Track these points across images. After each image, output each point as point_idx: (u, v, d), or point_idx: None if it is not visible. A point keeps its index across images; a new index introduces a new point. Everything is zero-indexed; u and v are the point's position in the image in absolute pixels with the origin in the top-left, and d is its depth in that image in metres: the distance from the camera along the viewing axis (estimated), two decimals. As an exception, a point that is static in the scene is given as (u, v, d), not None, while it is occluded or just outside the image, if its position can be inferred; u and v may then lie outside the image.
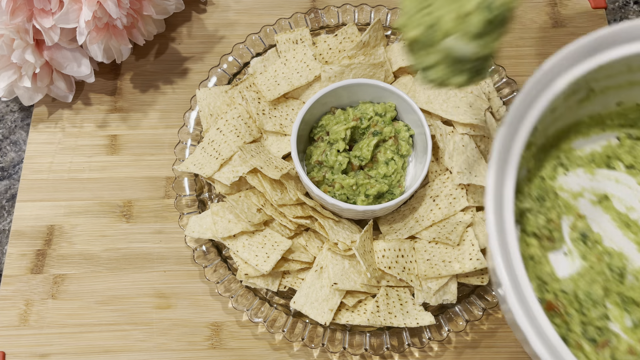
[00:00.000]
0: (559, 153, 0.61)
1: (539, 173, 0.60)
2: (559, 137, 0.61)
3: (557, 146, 0.61)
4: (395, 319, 0.66)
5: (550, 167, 0.61)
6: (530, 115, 0.51)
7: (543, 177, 0.60)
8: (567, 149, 0.61)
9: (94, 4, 0.70)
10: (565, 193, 0.60)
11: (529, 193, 0.58)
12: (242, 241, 0.68)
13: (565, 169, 0.61)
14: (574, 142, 0.62)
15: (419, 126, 0.70)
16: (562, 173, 0.61)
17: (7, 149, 0.81)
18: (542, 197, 0.58)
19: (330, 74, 0.74)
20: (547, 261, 0.57)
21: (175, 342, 0.70)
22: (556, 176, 0.61)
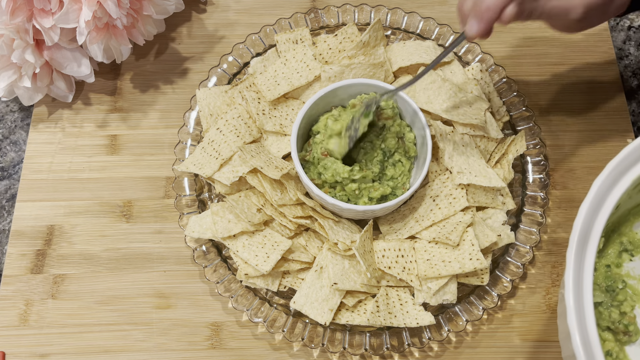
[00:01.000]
0: (621, 238, 0.61)
1: (604, 261, 0.59)
2: (619, 222, 0.61)
3: (619, 231, 0.61)
4: (395, 319, 0.66)
5: (614, 253, 0.60)
6: (599, 219, 0.53)
7: (609, 265, 0.59)
8: (628, 233, 0.61)
9: (94, 4, 0.70)
10: (634, 280, 0.60)
11: (597, 284, 0.58)
12: (242, 241, 0.68)
13: (631, 255, 0.61)
14: (634, 224, 0.62)
15: (420, 127, 0.70)
16: (627, 259, 0.61)
17: (7, 149, 0.81)
18: (612, 288, 0.58)
19: (330, 74, 0.74)
20: (625, 355, 0.56)
21: (175, 342, 0.70)
22: (622, 263, 0.60)
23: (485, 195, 0.71)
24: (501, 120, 0.77)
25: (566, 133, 0.80)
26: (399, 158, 0.70)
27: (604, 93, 0.83)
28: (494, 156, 0.74)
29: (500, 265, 0.70)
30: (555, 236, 0.75)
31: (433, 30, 0.82)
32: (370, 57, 0.76)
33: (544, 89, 0.83)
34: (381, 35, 0.77)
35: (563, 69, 0.84)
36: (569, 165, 0.79)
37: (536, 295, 0.72)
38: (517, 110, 0.78)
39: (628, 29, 0.88)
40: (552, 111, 0.82)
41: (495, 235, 0.69)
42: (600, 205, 0.52)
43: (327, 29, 0.83)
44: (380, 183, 0.69)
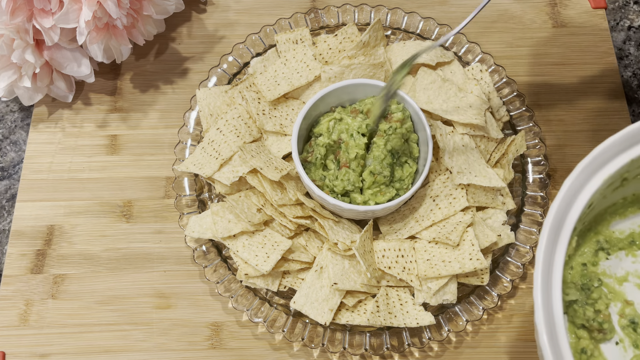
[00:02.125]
0: (597, 237, 0.61)
1: (580, 260, 0.60)
2: (596, 221, 0.61)
3: (595, 229, 0.61)
4: (395, 319, 0.66)
5: (590, 252, 0.60)
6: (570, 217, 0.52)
7: (585, 263, 0.59)
8: (605, 232, 0.61)
9: (94, 4, 0.70)
10: (610, 278, 0.60)
11: (572, 282, 0.58)
12: (242, 241, 0.68)
13: (607, 254, 0.61)
14: (611, 223, 0.62)
15: (421, 128, 0.70)
16: (604, 258, 0.60)
17: (7, 149, 0.81)
18: (587, 287, 0.58)
19: (330, 74, 0.74)
20: (600, 353, 0.56)
21: (175, 342, 0.70)
22: (598, 262, 0.60)
23: (485, 195, 0.71)
24: (501, 120, 0.77)
25: (566, 133, 0.80)
26: (406, 159, 0.70)
27: (604, 93, 0.83)
28: (494, 156, 0.74)
29: (500, 265, 0.70)
30: (555, 236, 0.75)
31: (433, 30, 0.82)
32: (370, 58, 0.76)
33: (544, 89, 0.83)
34: (381, 35, 0.77)
35: (563, 69, 0.84)
36: (569, 165, 0.79)
37: (536, 295, 0.72)
38: (517, 110, 0.78)
39: (628, 29, 0.88)
40: (552, 111, 0.82)
41: (495, 235, 0.69)
42: (572, 204, 0.52)
43: (327, 29, 0.83)
44: (388, 187, 0.69)
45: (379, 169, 0.68)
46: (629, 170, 0.56)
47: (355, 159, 0.68)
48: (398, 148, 0.69)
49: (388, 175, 0.68)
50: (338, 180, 0.68)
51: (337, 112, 0.71)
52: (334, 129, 0.70)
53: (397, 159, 0.69)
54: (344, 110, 0.71)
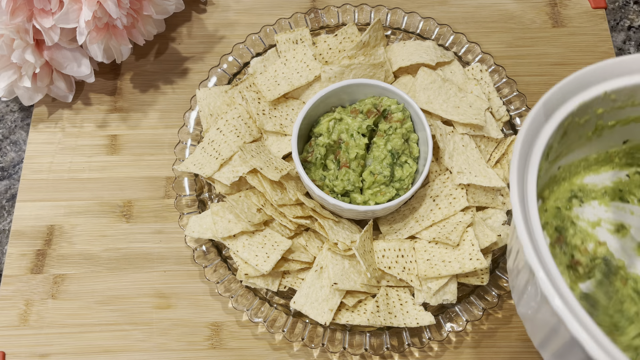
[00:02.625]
0: (572, 187, 0.62)
1: (554, 204, 0.60)
2: (570, 172, 0.62)
3: (570, 180, 0.62)
4: (395, 319, 0.66)
5: (564, 198, 0.61)
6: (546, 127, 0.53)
7: (559, 207, 0.60)
8: (579, 184, 0.62)
9: (94, 4, 0.70)
10: (583, 222, 0.60)
11: (547, 222, 0.59)
12: (242, 241, 0.68)
13: (580, 201, 0.61)
14: (585, 177, 0.62)
15: (421, 128, 0.70)
16: (577, 204, 0.61)
17: (7, 149, 0.81)
18: (562, 227, 0.59)
19: (330, 74, 0.74)
20: (577, 286, 0.57)
21: (175, 342, 0.70)
22: (572, 207, 0.61)
23: (485, 195, 0.71)
24: (501, 120, 0.77)
25: (566, 133, 0.80)
26: (406, 159, 0.70)
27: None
28: (494, 156, 0.74)
29: (500, 265, 0.70)
30: (555, 236, 0.75)
31: (433, 30, 0.82)
32: (370, 58, 0.76)
33: (544, 89, 0.83)
34: (381, 35, 0.77)
35: (563, 69, 0.84)
36: (569, 165, 0.79)
37: (536, 295, 0.72)
38: (517, 110, 0.78)
39: (628, 29, 0.88)
40: (552, 111, 0.82)
41: (495, 235, 0.69)
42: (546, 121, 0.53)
43: (327, 29, 0.83)
44: (387, 187, 0.69)
45: (379, 169, 0.68)
46: (604, 109, 0.56)
47: (355, 159, 0.68)
48: (398, 148, 0.69)
49: (388, 175, 0.68)
50: (338, 180, 0.68)
51: (337, 112, 0.71)
52: (334, 129, 0.70)
53: (397, 159, 0.69)
54: (344, 110, 0.72)
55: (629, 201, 0.62)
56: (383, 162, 0.68)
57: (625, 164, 0.63)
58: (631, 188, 0.62)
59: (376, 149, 0.68)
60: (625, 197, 0.62)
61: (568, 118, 0.54)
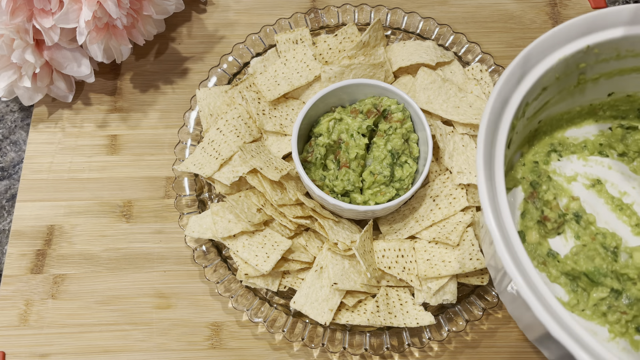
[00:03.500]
0: (552, 140, 0.62)
1: (532, 158, 0.61)
2: (552, 125, 0.62)
3: (551, 134, 0.62)
4: (395, 319, 0.66)
5: (543, 152, 0.62)
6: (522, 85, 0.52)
7: (537, 162, 0.60)
8: (560, 137, 0.62)
9: (94, 4, 0.70)
10: (559, 177, 0.61)
11: (523, 178, 0.59)
12: (242, 241, 0.68)
13: (559, 155, 0.62)
14: (566, 131, 0.63)
15: (421, 128, 0.70)
16: (555, 159, 0.62)
17: (7, 149, 0.81)
18: (537, 182, 0.59)
19: (330, 74, 0.74)
20: (545, 243, 0.58)
21: (175, 342, 0.70)
22: (550, 161, 0.62)
23: (485, 195, 0.71)
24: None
25: (566, 133, 0.80)
26: (406, 159, 0.70)
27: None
28: (494, 156, 0.74)
29: (500, 265, 0.70)
30: (555, 236, 0.75)
31: (433, 30, 0.82)
32: (370, 58, 0.76)
33: (544, 89, 0.83)
34: (381, 35, 0.77)
35: (563, 69, 0.84)
36: (569, 165, 0.79)
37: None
38: (517, 110, 0.78)
39: (628, 29, 0.88)
40: (552, 111, 0.82)
41: (495, 235, 0.69)
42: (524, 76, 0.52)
43: (327, 29, 0.83)
44: (387, 187, 0.69)
45: (379, 169, 0.68)
46: (587, 62, 0.56)
47: (356, 159, 0.68)
48: (398, 148, 0.69)
49: (388, 175, 0.68)
50: (338, 180, 0.68)
51: (337, 112, 0.71)
52: (334, 129, 0.70)
53: (397, 159, 0.69)
54: (344, 110, 0.72)
55: (608, 155, 0.63)
56: (383, 162, 0.68)
57: (610, 117, 0.63)
58: (612, 142, 0.63)
59: (376, 149, 0.68)
60: (604, 151, 0.63)
61: (547, 74, 0.53)
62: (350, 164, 0.68)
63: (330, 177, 0.68)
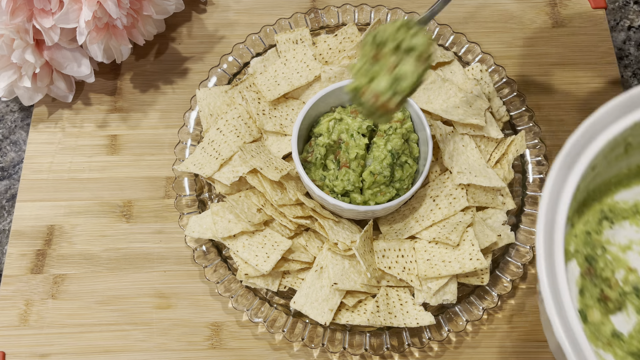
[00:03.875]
0: (602, 207, 0.61)
1: (584, 228, 0.59)
2: (600, 191, 0.61)
3: (600, 200, 0.61)
4: (395, 319, 0.66)
5: (594, 221, 0.60)
6: (572, 175, 0.52)
7: (589, 232, 0.59)
8: (610, 203, 0.61)
9: (94, 4, 0.70)
10: (613, 246, 0.59)
11: (577, 251, 0.58)
12: (242, 241, 0.68)
13: (611, 223, 0.60)
14: (616, 194, 0.61)
15: (421, 128, 0.70)
16: (607, 227, 0.60)
17: (7, 149, 0.81)
18: (592, 257, 0.58)
19: (330, 74, 0.74)
20: (608, 321, 0.56)
21: (175, 342, 0.70)
22: (602, 230, 0.60)
23: (485, 195, 0.71)
24: (501, 120, 0.77)
25: (566, 133, 0.80)
26: (406, 159, 0.69)
27: (604, 93, 0.83)
28: (494, 156, 0.74)
29: (500, 265, 0.70)
30: (555, 236, 0.75)
31: (433, 30, 0.82)
32: (370, 57, 0.76)
33: (544, 89, 0.83)
34: (381, 35, 0.77)
35: (563, 69, 0.84)
36: (569, 165, 0.79)
37: (536, 295, 0.72)
38: (517, 110, 0.78)
39: (628, 29, 0.88)
40: (552, 111, 0.82)
41: (495, 235, 0.69)
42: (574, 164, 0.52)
43: (327, 29, 0.83)
44: (387, 187, 0.68)
45: (379, 169, 0.68)
46: (633, 134, 0.56)
47: (356, 159, 0.68)
48: (398, 148, 0.69)
49: (388, 175, 0.68)
50: (338, 181, 0.68)
51: (337, 112, 0.71)
52: (334, 129, 0.70)
53: (397, 159, 0.69)
54: (344, 110, 0.71)
55: None
56: (383, 162, 0.68)
57: None
58: None
59: (376, 149, 0.68)
60: None
61: (596, 156, 0.53)
62: (350, 164, 0.68)
63: (330, 177, 0.68)
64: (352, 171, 0.68)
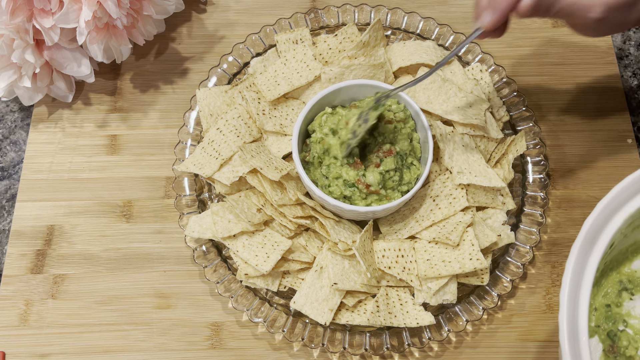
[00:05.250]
0: (620, 277, 0.60)
1: (604, 301, 0.59)
2: (617, 260, 0.60)
3: (617, 269, 0.61)
4: (395, 319, 0.66)
5: (614, 293, 0.60)
6: (592, 257, 0.52)
7: (609, 304, 0.59)
8: (628, 273, 0.61)
9: (94, 4, 0.70)
10: (635, 320, 0.59)
11: (598, 326, 0.57)
12: (242, 241, 0.68)
13: (631, 294, 0.60)
14: (633, 262, 0.61)
15: (421, 128, 0.70)
16: (627, 298, 0.60)
17: (7, 149, 0.81)
18: (614, 333, 0.58)
19: (330, 75, 0.74)
20: None
21: (175, 342, 0.70)
22: (622, 302, 0.59)
23: (485, 195, 0.71)
24: (501, 120, 0.77)
25: (566, 133, 0.80)
26: (412, 160, 0.69)
27: (604, 93, 0.83)
28: (494, 156, 0.74)
29: (500, 265, 0.70)
30: (555, 236, 0.75)
31: (433, 30, 0.82)
32: (370, 58, 0.76)
33: (544, 89, 0.83)
34: (381, 36, 0.77)
35: (563, 69, 0.84)
36: (569, 165, 0.79)
37: (536, 295, 0.72)
38: (517, 110, 0.78)
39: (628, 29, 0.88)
40: (552, 111, 0.82)
41: (495, 235, 0.69)
42: (593, 244, 0.52)
43: (327, 29, 0.83)
44: (394, 191, 0.68)
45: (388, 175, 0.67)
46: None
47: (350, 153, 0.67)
48: (405, 149, 0.68)
49: (397, 180, 0.67)
50: (333, 187, 0.67)
51: (329, 107, 0.70)
52: (326, 123, 0.69)
53: (404, 161, 0.68)
54: (344, 109, 0.71)
55: None
56: (395, 168, 0.67)
57: None
58: None
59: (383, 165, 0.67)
60: None
61: (615, 235, 0.53)
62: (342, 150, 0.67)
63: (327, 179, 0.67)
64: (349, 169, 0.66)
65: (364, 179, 0.66)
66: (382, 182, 0.66)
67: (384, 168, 0.66)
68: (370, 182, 0.66)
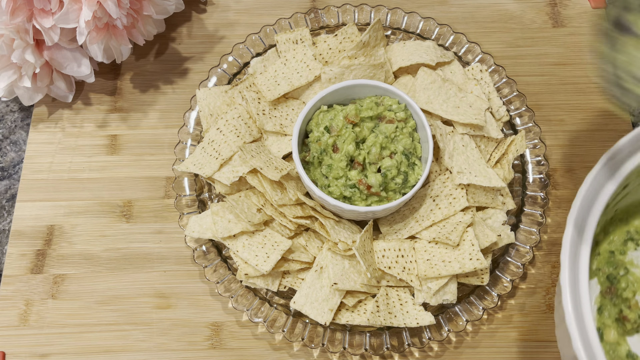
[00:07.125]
0: (628, 228, 0.60)
1: (608, 247, 0.59)
2: (628, 212, 0.60)
3: (627, 221, 0.61)
4: (395, 319, 0.66)
5: (620, 241, 0.60)
6: (604, 191, 0.52)
7: (613, 251, 0.59)
8: (637, 225, 0.61)
9: (94, 4, 0.70)
10: (637, 268, 0.59)
11: (599, 269, 0.57)
12: (242, 241, 0.68)
13: (636, 244, 0.60)
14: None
15: (421, 127, 0.70)
16: (632, 248, 0.60)
17: (7, 149, 0.81)
18: (614, 276, 0.58)
19: (330, 75, 0.74)
20: (624, 342, 0.56)
21: (175, 342, 0.70)
22: (626, 251, 0.60)
23: (485, 195, 0.71)
24: (501, 120, 0.77)
25: (566, 133, 0.80)
26: (414, 160, 0.69)
27: (603, 93, 0.83)
28: (494, 156, 0.74)
29: (500, 265, 0.70)
30: (555, 236, 0.75)
31: (433, 30, 0.82)
32: (370, 58, 0.76)
33: (544, 89, 0.83)
34: (381, 35, 0.77)
35: (563, 69, 0.84)
36: (569, 165, 0.79)
37: (536, 295, 0.72)
38: (517, 110, 0.78)
39: (628, 29, 0.88)
40: (552, 111, 0.82)
41: (495, 235, 0.69)
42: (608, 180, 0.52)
43: (327, 29, 0.83)
44: (396, 193, 0.68)
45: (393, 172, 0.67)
46: None
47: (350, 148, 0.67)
48: (409, 147, 0.68)
49: (401, 182, 0.67)
50: (333, 187, 0.67)
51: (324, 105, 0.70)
52: (323, 120, 0.69)
53: (409, 160, 0.68)
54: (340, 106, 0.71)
55: None
56: (398, 168, 0.67)
57: None
58: None
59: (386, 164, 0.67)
60: None
61: (631, 174, 0.53)
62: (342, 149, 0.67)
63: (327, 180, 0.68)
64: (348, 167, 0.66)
65: (365, 179, 0.66)
66: (383, 183, 0.66)
67: (386, 169, 0.66)
68: (371, 184, 0.66)
